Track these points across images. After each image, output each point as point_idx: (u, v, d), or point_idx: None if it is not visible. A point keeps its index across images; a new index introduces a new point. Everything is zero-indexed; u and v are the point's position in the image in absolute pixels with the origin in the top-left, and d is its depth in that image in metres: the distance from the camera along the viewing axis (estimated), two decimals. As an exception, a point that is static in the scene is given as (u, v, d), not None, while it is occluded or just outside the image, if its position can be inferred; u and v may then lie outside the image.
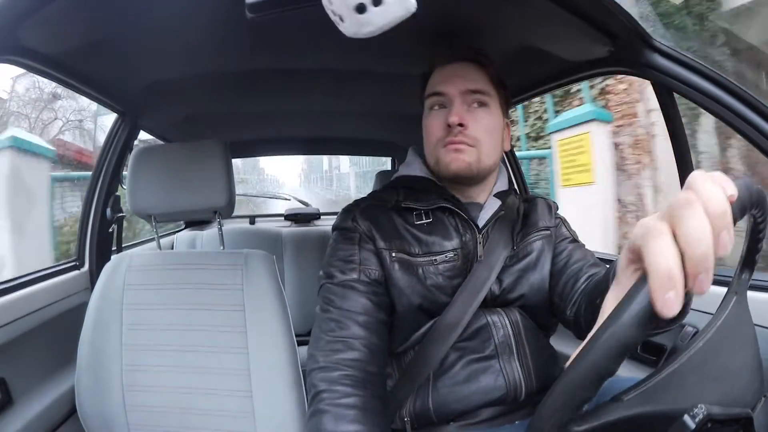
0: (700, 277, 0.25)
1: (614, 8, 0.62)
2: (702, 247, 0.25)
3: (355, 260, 0.67)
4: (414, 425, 0.66)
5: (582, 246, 0.75)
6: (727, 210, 0.27)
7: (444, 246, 0.68)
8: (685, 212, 0.26)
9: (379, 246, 0.67)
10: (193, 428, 0.79)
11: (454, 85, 0.69)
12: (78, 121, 6.69)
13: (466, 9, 0.70)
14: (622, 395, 0.28)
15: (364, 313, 0.63)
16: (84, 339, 0.83)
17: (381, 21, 0.41)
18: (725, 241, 0.26)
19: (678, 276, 0.25)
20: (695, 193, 0.27)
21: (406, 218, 0.70)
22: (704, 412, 0.26)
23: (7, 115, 8.04)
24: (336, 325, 0.63)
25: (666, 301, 0.25)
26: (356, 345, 0.61)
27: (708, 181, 0.28)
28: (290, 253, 1.60)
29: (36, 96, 8.06)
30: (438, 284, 0.67)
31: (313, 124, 1.52)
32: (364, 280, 0.66)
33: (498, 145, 0.72)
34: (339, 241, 0.70)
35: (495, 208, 0.72)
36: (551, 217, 0.77)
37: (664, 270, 0.25)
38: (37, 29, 0.62)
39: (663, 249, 0.26)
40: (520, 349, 0.67)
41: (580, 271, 0.67)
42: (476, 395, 0.65)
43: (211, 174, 0.87)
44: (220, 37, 0.78)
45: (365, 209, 0.71)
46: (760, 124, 0.63)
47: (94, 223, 1.06)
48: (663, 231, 0.27)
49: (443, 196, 0.70)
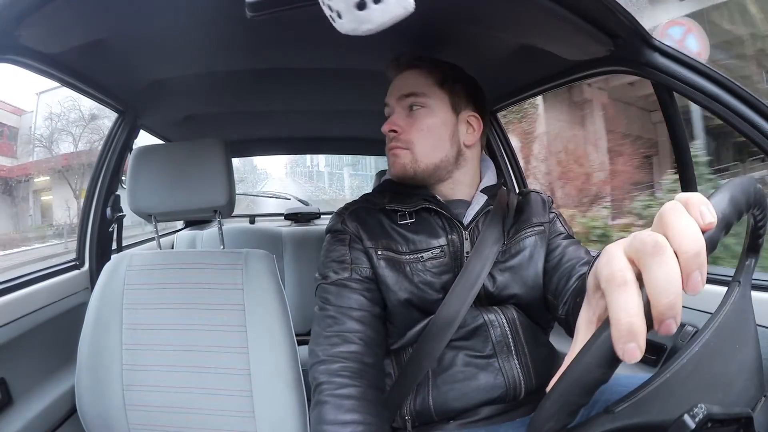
0: (667, 322, 0.24)
1: (614, 7, 0.62)
2: (670, 297, 0.24)
3: (346, 260, 0.70)
4: (414, 423, 0.67)
5: (576, 243, 0.75)
6: (699, 250, 0.25)
7: (430, 243, 0.70)
8: (652, 260, 0.25)
9: (366, 245, 0.70)
10: (193, 428, 0.79)
11: (391, 94, 0.75)
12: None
13: (466, 9, 0.70)
14: (613, 407, 0.28)
15: (358, 308, 0.67)
16: (84, 339, 0.83)
17: (380, 19, 0.41)
18: (696, 282, 0.25)
19: (640, 329, 0.24)
20: (667, 232, 0.26)
21: (393, 219, 0.72)
22: (704, 412, 0.26)
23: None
24: (333, 321, 0.66)
25: (627, 350, 0.24)
26: (353, 338, 0.65)
27: (681, 216, 0.26)
28: (290, 252, 1.60)
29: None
30: (425, 281, 0.68)
31: (312, 123, 1.51)
32: (356, 278, 0.69)
33: (441, 142, 0.72)
34: (331, 243, 0.74)
35: (482, 204, 0.73)
36: (545, 212, 0.77)
37: (624, 325, 0.24)
38: (37, 29, 0.62)
39: (625, 303, 0.25)
40: (518, 347, 0.68)
41: (573, 269, 0.67)
42: (476, 393, 0.65)
43: (211, 173, 0.87)
44: (220, 36, 0.78)
45: (353, 212, 0.75)
46: (760, 123, 0.63)
47: (94, 223, 1.06)
48: (627, 281, 0.25)
49: (424, 197, 0.72)
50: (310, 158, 23.14)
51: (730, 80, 0.65)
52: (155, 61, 0.88)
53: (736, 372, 0.33)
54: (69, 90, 0.86)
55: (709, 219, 0.27)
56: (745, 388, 0.33)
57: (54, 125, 9.94)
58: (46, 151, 10.29)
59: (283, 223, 2.00)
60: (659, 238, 0.26)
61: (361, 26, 0.42)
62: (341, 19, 0.43)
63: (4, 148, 10.33)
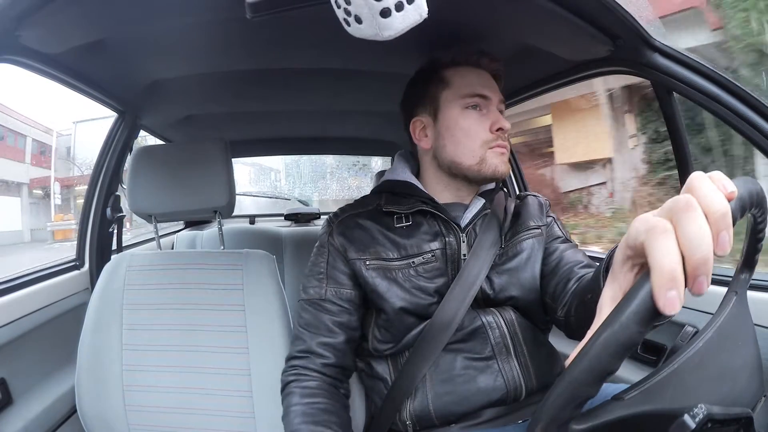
0: (699, 279, 0.25)
1: (615, 8, 0.62)
2: (702, 251, 0.25)
3: (323, 279, 0.71)
4: (416, 427, 0.66)
5: (574, 246, 0.75)
6: (726, 211, 0.27)
7: (422, 248, 0.69)
8: (685, 215, 0.26)
9: (352, 257, 0.70)
10: (193, 428, 0.79)
11: (494, 91, 0.72)
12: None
13: (467, 9, 0.70)
14: (622, 394, 0.28)
15: (324, 334, 0.69)
16: (84, 339, 0.83)
17: (400, 25, 0.43)
18: (725, 241, 0.26)
19: (680, 276, 0.25)
20: (695, 195, 0.27)
21: (386, 223, 0.72)
22: (704, 412, 0.26)
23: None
24: (300, 342, 0.70)
25: (668, 299, 0.25)
26: (315, 360, 0.69)
27: (707, 182, 0.28)
28: (290, 253, 1.60)
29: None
30: (418, 286, 0.68)
31: (313, 123, 1.51)
32: (330, 299, 0.70)
33: None
34: (315, 255, 0.74)
35: (479, 207, 0.73)
36: (542, 216, 0.77)
37: (668, 269, 0.25)
38: (37, 29, 0.62)
39: (669, 248, 0.26)
40: (517, 349, 0.67)
41: (571, 272, 0.67)
42: (476, 396, 0.65)
43: (211, 173, 0.87)
44: (220, 36, 0.78)
45: (342, 221, 0.74)
46: (760, 123, 0.63)
47: (94, 223, 1.06)
48: (668, 229, 0.27)
49: (421, 199, 0.71)
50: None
51: (730, 80, 0.65)
52: (155, 62, 0.88)
53: (741, 366, 0.34)
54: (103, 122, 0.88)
55: (731, 188, 0.28)
56: (749, 382, 0.34)
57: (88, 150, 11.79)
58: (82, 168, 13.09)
59: (283, 223, 2.00)
60: (689, 197, 0.27)
61: (382, 32, 0.43)
62: (360, 24, 0.44)
63: (42, 161, 13.97)
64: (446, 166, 0.72)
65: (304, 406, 0.64)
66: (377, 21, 0.43)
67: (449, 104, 0.71)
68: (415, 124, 0.75)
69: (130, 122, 1.06)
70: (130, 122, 1.07)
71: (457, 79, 0.72)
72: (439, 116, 0.72)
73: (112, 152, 1.06)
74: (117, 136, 1.06)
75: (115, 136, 1.06)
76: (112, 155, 1.06)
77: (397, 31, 0.43)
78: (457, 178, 0.72)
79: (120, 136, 1.06)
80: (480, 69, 0.74)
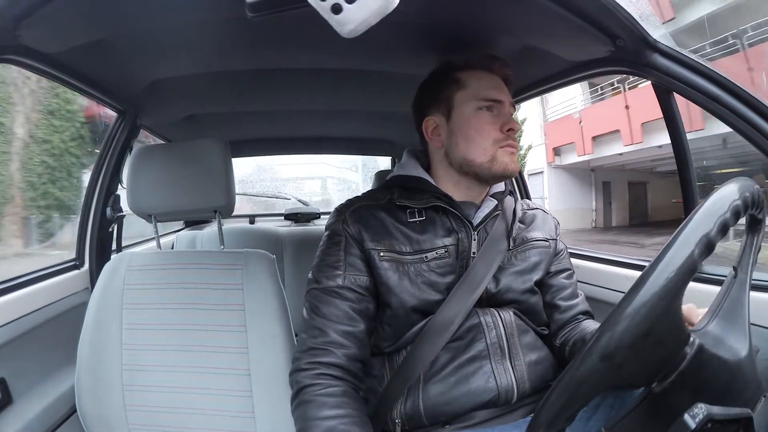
0: None
1: (615, 8, 0.62)
2: None
3: (340, 266, 0.68)
4: (405, 427, 0.66)
5: (575, 283, 0.80)
6: None
7: (435, 243, 0.69)
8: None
9: (368, 247, 0.69)
10: (193, 428, 0.79)
11: (506, 95, 0.74)
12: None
13: (467, 9, 0.70)
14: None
15: (345, 322, 0.66)
16: (84, 339, 0.83)
17: (359, 17, 0.40)
18: None
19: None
20: None
21: (399, 217, 0.71)
22: (704, 412, 0.26)
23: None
24: (319, 333, 0.66)
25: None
26: (337, 352, 0.64)
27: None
28: (290, 252, 1.60)
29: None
30: (429, 281, 0.68)
31: (313, 123, 1.51)
32: (349, 287, 0.67)
33: None
34: (328, 245, 0.72)
35: (491, 208, 0.74)
36: (554, 233, 0.80)
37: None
38: (37, 29, 0.62)
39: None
40: (512, 351, 0.68)
41: (575, 314, 0.76)
42: (466, 398, 0.65)
43: (211, 173, 0.87)
44: (220, 36, 0.78)
45: (356, 210, 0.72)
46: (760, 124, 0.63)
47: (93, 223, 1.06)
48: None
49: (436, 194, 0.71)
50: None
51: (730, 81, 0.65)
52: (155, 61, 0.88)
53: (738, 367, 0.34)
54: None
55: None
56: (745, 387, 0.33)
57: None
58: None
59: (283, 223, 2.00)
60: None
61: (344, 29, 0.40)
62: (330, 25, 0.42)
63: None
64: (458, 163, 0.73)
65: (334, 420, 0.58)
66: (334, 19, 0.40)
67: (463, 104, 0.72)
68: (427, 123, 0.76)
69: (130, 122, 1.06)
70: (130, 122, 1.07)
71: (472, 81, 0.73)
72: (453, 115, 0.73)
73: (112, 152, 1.06)
74: (117, 135, 1.06)
75: (115, 136, 1.06)
76: (112, 155, 1.06)
77: (360, 23, 0.40)
78: (468, 176, 0.73)
79: (120, 136, 1.06)
80: (492, 73, 0.75)
